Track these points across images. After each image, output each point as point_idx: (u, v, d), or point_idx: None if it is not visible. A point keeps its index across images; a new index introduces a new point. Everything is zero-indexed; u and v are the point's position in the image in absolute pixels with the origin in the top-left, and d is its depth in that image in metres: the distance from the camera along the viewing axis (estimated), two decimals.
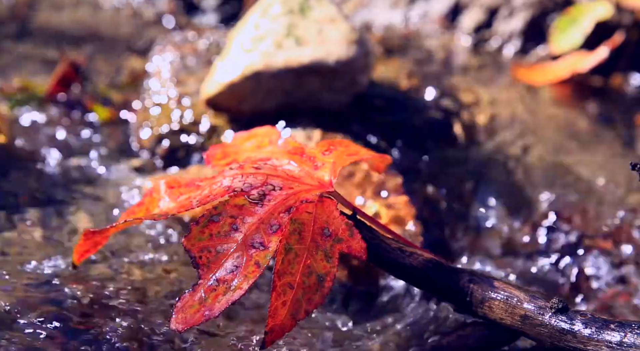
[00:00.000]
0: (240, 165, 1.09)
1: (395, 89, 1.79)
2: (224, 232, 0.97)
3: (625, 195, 1.62)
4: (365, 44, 1.56)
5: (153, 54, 1.86)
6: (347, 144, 1.16)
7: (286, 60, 1.51)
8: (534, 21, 2.19)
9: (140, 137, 1.64)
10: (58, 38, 2.20)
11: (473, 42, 2.22)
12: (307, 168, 1.08)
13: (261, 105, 1.56)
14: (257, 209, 0.99)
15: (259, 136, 1.22)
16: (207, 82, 1.59)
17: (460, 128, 1.76)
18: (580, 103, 2.00)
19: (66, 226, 1.36)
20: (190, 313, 0.93)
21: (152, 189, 1.14)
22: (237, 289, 0.93)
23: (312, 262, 0.95)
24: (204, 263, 0.95)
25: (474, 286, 1.03)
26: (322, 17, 1.57)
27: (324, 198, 1.01)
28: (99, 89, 1.90)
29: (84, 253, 1.14)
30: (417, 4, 2.31)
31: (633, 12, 2.08)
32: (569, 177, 1.67)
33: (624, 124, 1.90)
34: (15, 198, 1.43)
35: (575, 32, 2.06)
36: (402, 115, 1.71)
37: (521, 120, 1.84)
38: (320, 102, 1.57)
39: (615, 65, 2.09)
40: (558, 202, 1.58)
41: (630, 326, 0.95)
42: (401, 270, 1.06)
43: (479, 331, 1.07)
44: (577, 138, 1.82)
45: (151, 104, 1.67)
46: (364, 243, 0.97)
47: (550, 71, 2.04)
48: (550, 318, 0.98)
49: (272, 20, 1.57)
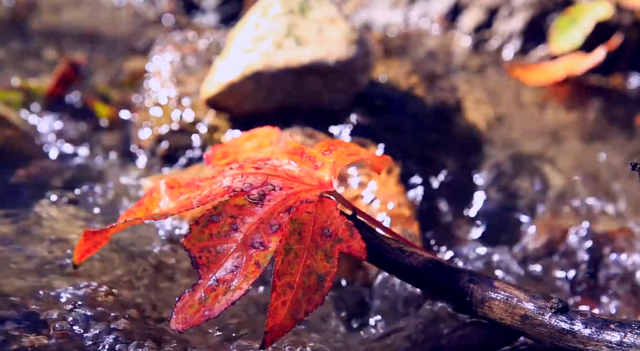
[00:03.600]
0: (240, 165, 1.09)
1: (395, 89, 1.79)
2: (224, 232, 0.97)
3: (625, 195, 1.62)
4: (365, 44, 1.56)
5: (153, 54, 1.86)
6: (347, 144, 1.16)
7: (286, 60, 1.51)
8: (534, 21, 2.19)
9: (140, 137, 1.64)
10: (58, 38, 2.20)
11: (473, 42, 2.22)
12: (307, 168, 1.08)
13: (261, 105, 1.56)
14: (257, 209, 0.99)
15: (259, 136, 1.22)
16: (207, 82, 1.59)
17: (460, 128, 1.76)
18: (580, 104, 2.00)
19: (66, 225, 1.36)
20: (190, 313, 0.93)
21: (152, 189, 1.14)
22: (237, 289, 0.93)
23: (312, 262, 0.95)
24: (204, 263, 0.95)
25: (474, 286, 1.03)
26: (322, 17, 1.57)
27: (324, 198, 1.01)
28: (99, 89, 1.90)
29: (84, 253, 1.14)
30: (417, 4, 2.31)
31: (633, 12, 2.08)
32: (569, 177, 1.67)
33: (624, 124, 1.90)
34: (15, 198, 1.43)
35: (575, 32, 2.06)
36: (402, 115, 1.71)
37: (521, 120, 1.84)
38: (320, 102, 1.57)
39: (615, 65, 2.09)
40: (558, 201, 1.58)
41: (630, 326, 0.95)
42: (401, 270, 1.06)
43: (479, 331, 1.07)
44: (577, 138, 1.82)
45: (151, 104, 1.67)
46: (364, 243, 0.97)
47: (546, 72, 2.04)
48: (550, 318, 0.98)
49: (272, 20, 1.57)
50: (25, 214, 1.37)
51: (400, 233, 1.15)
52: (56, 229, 1.34)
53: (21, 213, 1.38)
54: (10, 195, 1.45)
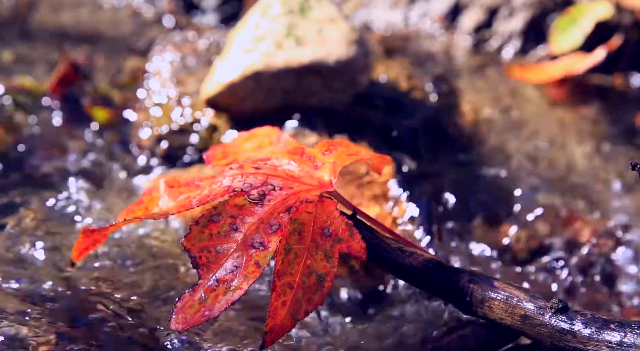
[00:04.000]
0: (240, 165, 1.09)
1: (395, 89, 1.79)
2: (223, 232, 0.97)
3: (625, 195, 1.62)
4: (365, 44, 1.56)
5: (153, 54, 1.86)
6: (347, 144, 1.16)
7: (286, 60, 1.51)
8: (534, 21, 2.19)
9: (140, 137, 1.64)
10: (58, 38, 2.20)
11: (473, 42, 2.22)
12: (307, 168, 1.08)
13: (261, 105, 1.55)
14: (257, 209, 0.99)
15: (259, 136, 1.22)
16: (207, 82, 1.59)
17: (460, 128, 1.76)
18: (580, 103, 2.00)
19: (66, 225, 1.36)
20: (190, 313, 0.93)
21: (151, 188, 1.14)
22: (237, 289, 0.93)
23: (312, 262, 0.95)
24: (204, 263, 0.95)
25: (474, 286, 1.03)
26: (322, 17, 1.57)
27: (324, 198, 1.01)
28: (99, 89, 1.90)
29: (82, 250, 1.14)
30: (417, 4, 2.31)
31: (633, 12, 2.08)
32: (568, 176, 1.67)
33: (624, 124, 1.90)
34: (15, 197, 1.43)
35: (575, 32, 2.06)
36: (401, 115, 1.71)
37: (520, 120, 1.84)
38: (320, 102, 1.57)
39: (616, 65, 2.09)
40: (557, 201, 1.58)
41: (630, 326, 0.95)
42: (401, 270, 1.06)
43: (479, 331, 1.07)
44: (577, 137, 1.82)
45: (151, 104, 1.67)
46: (364, 243, 0.97)
47: (546, 72, 2.04)
48: (550, 318, 0.98)
49: (272, 20, 1.57)
50: (25, 213, 1.37)
51: (400, 233, 1.15)
52: (55, 228, 1.34)
53: (21, 211, 1.38)
54: (11, 193, 1.45)
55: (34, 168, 1.56)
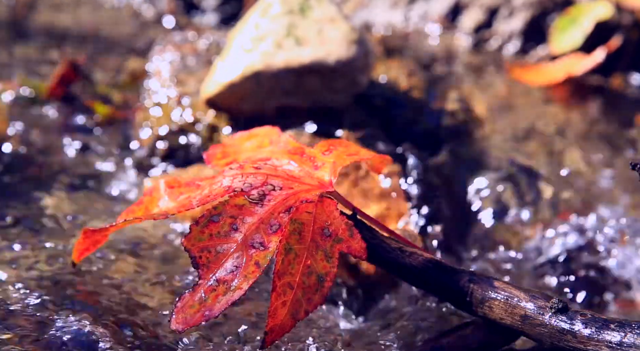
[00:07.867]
0: (240, 165, 1.09)
1: (395, 89, 1.79)
2: (224, 232, 0.97)
3: (625, 195, 1.62)
4: (365, 44, 1.56)
5: (153, 54, 1.86)
6: (347, 144, 1.16)
7: (286, 60, 1.51)
8: (534, 21, 2.19)
9: (140, 137, 1.64)
10: (58, 38, 2.20)
11: (473, 42, 2.22)
12: (307, 168, 1.08)
13: (261, 105, 1.56)
14: (257, 209, 0.99)
15: (259, 136, 1.22)
16: (207, 82, 1.59)
17: (460, 128, 1.76)
18: (579, 103, 2.00)
19: (65, 225, 1.36)
20: (190, 314, 0.93)
21: (151, 188, 1.14)
22: (237, 289, 0.93)
23: (312, 262, 0.95)
24: (204, 263, 0.95)
25: (474, 286, 1.03)
26: (322, 17, 1.57)
27: (324, 198, 1.01)
28: (99, 89, 1.90)
29: (83, 251, 1.14)
30: (417, 4, 2.31)
31: (633, 12, 2.08)
32: (568, 176, 1.67)
33: (624, 124, 1.90)
34: (15, 197, 1.43)
35: (575, 32, 2.06)
36: (402, 115, 1.71)
37: (521, 120, 1.84)
38: (320, 102, 1.57)
39: (616, 65, 2.09)
40: (558, 200, 1.58)
41: (630, 326, 0.95)
42: (401, 270, 1.06)
43: (479, 331, 1.07)
44: (577, 137, 1.82)
45: (151, 104, 1.67)
46: (364, 243, 0.97)
47: (545, 72, 2.04)
48: (550, 318, 0.98)
49: (272, 20, 1.57)
50: (25, 212, 1.37)
51: (400, 234, 1.15)
52: (56, 228, 1.34)
53: (22, 210, 1.38)
54: (10, 193, 1.45)
55: (33, 167, 1.56)
